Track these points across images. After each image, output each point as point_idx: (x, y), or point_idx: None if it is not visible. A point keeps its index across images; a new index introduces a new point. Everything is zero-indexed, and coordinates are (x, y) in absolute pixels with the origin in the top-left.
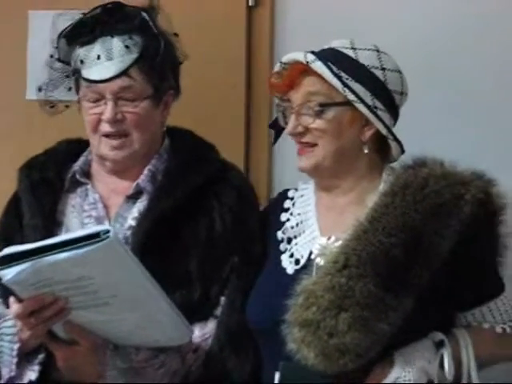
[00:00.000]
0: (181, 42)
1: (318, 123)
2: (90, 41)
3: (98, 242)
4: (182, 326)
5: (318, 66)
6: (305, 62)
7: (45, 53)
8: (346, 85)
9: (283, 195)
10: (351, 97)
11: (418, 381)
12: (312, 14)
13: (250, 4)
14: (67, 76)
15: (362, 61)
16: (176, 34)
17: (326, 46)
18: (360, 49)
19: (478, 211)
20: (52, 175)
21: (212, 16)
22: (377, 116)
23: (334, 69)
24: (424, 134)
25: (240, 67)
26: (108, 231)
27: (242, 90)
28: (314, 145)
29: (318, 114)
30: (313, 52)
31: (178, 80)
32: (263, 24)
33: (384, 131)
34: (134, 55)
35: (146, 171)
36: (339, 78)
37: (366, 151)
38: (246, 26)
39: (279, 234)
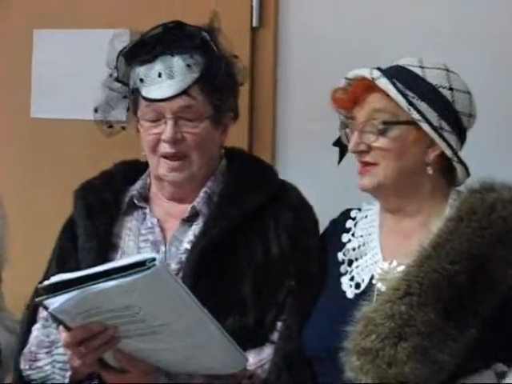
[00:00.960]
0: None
1: (381, 142)
2: (150, 59)
3: (145, 269)
4: (236, 352)
5: (384, 83)
6: (370, 78)
7: (49, 71)
8: (411, 103)
9: (346, 215)
10: (416, 116)
11: None
12: (315, 34)
13: (253, 25)
14: (125, 97)
15: (429, 80)
16: (236, 56)
17: (394, 63)
18: (428, 67)
19: None
20: (109, 198)
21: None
22: (442, 137)
23: (400, 86)
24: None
25: (244, 88)
26: (154, 259)
27: (246, 110)
28: (376, 164)
29: (382, 133)
30: (379, 68)
31: (237, 102)
32: (267, 45)
33: (449, 153)
34: (196, 74)
35: (201, 193)
36: (405, 95)
37: (430, 172)
38: (250, 46)
39: (340, 256)
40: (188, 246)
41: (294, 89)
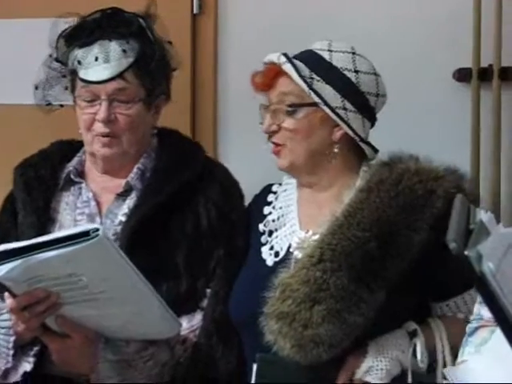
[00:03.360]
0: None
1: (288, 123)
2: (88, 43)
3: (88, 239)
4: (171, 319)
5: (287, 68)
6: (277, 63)
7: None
8: (311, 87)
9: (267, 189)
10: (316, 99)
11: (391, 370)
12: (254, 20)
13: (194, 12)
14: (63, 76)
15: (335, 63)
16: (170, 42)
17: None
18: (335, 51)
19: (450, 205)
20: (46, 174)
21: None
22: (341, 118)
23: (305, 71)
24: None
25: (185, 73)
26: (97, 229)
27: (188, 95)
28: (284, 145)
29: (290, 114)
30: (286, 54)
31: (170, 86)
32: (207, 31)
33: (350, 132)
34: (131, 59)
35: (135, 169)
36: (307, 80)
37: (336, 150)
38: (191, 33)
39: (261, 227)
40: (123, 219)
41: (235, 74)
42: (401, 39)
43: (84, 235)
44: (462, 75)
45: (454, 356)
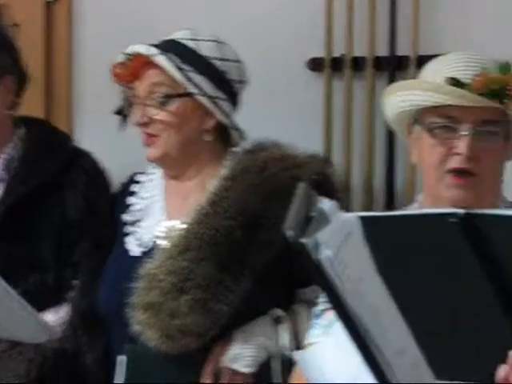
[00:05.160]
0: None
1: (161, 114)
2: None
3: None
4: (38, 325)
5: (160, 60)
6: (147, 56)
7: None
8: (187, 77)
9: (131, 179)
10: (193, 89)
11: (258, 356)
12: (109, 9)
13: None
14: None
15: (202, 52)
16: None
17: (167, 38)
18: (200, 40)
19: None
20: None
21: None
22: (218, 106)
23: (177, 61)
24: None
25: (40, 61)
26: None
27: (42, 83)
28: (158, 136)
29: (162, 105)
30: (156, 45)
31: (20, 66)
32: (61, 19)
33: (225, 120)
34: None
35: (0, 160)
36: (181, 70)
37: (207, 139)
38: (45, 21)
39: (125, 217)
40: None
41: (89, 62)
42: (253, 29)
43: None
44: (315, 65)
45: None
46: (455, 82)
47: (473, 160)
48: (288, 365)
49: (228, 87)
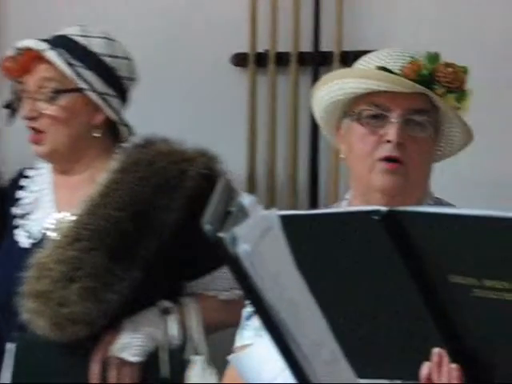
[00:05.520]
0: None
1: (50, 109)
2: None
3: None
4: None
5: (51, 55)
6: (37, 50)
7: None
8: (77, 73)
9: (20, 174)
10: (83, 85)
11: (146, 346)
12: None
13: None
14: None
15: (93, 48)
16: None
17: (58, 33)
18: (91, 36)
19: (201, 186)
20: None
21: None
22: (107, 102)
23: (67, 57)
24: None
25: None
26: None
27: None
28: (45, 132)
29: (52, 100)
30: (47, 40)
31: None
32: None
33: (114, 116)
34: None
35: None
36: (71, 66)
37: (96, 135)
38: None
39: (15, 210)
40: None
41: None
42: (176, 23)
43: None
44: (239, 60)
45: (206, 332)
46: (386, 70)
47: (402, 148)
48: (176, 355)
49: (117, 84)
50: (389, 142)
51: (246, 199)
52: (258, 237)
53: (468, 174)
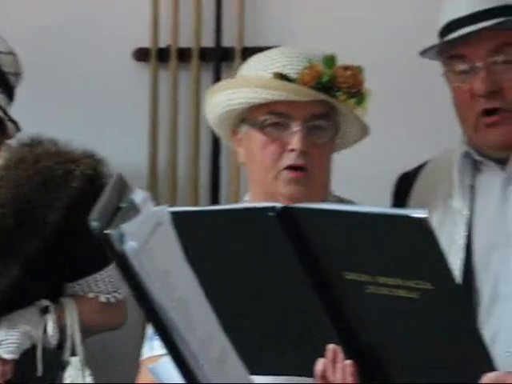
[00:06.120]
0: None
1: None
2: None
3: None
4: None
5: None
6: None
7: None
8: None
9: None
10: None
11: (21, 344)
12: None
13: None
14: None
15: None
16: None
17: None
18: None
19: (86, 187)
20: None
21: None
22: None
23: None
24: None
25: None
26: None
27: None
28: None
29: None
30: None
31: None
32: None
33: (0, 113)
34: None
35: None
36: None
37: None
38: None
39: None
40: None
41: None
42: (78, 18)
43: None
44: (141, 55)
45: (83, 333)
46: (283, 77)
47: (306, 155)
48: (53, 355)
49: (3, 80)
50: (293, 150)
51: (138, 195)
52: (148, 234)
53: (371, 170)
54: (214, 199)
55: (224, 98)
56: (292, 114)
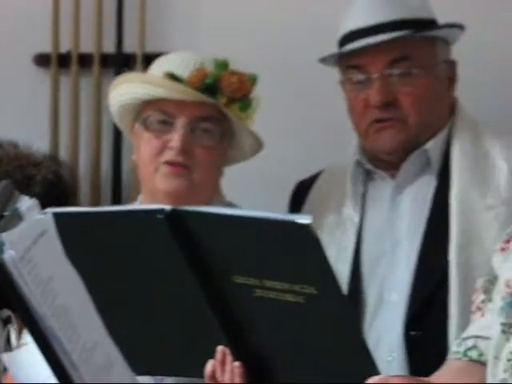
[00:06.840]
0: None
1: None
2: None
3: None
4: None
5: None
6: None
7: None
8: None
9: None
10: None
11: None
12: None
13: None
14: None
15: None
16: None
17: None
18: None
19: (48, 192)
20: None
21: None
22: None
23: None
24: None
25: None
26: None
27: None
28: None
29: None
30: None
31: None
32: None
33: None
34: None
35: None
36: None
37: None
38: None
39: None
40: None
41: None
42: None
43: None
44: (42, 60)
45: None
46: (172, 77)
47: (186, 154)
48: None
49: None
50: (173, 147)
51: (25, 203)
52: (30, 242)
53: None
54: (116, 202)
55: (118, 93)
56: (177, 113)
